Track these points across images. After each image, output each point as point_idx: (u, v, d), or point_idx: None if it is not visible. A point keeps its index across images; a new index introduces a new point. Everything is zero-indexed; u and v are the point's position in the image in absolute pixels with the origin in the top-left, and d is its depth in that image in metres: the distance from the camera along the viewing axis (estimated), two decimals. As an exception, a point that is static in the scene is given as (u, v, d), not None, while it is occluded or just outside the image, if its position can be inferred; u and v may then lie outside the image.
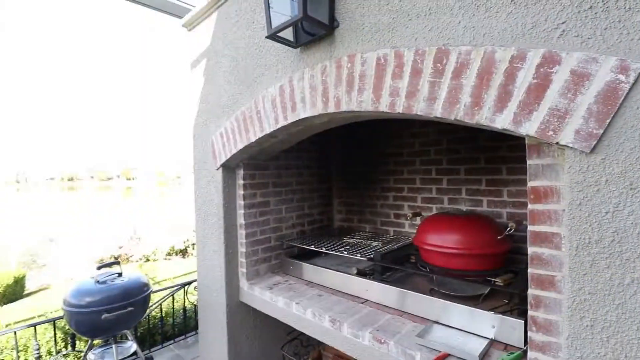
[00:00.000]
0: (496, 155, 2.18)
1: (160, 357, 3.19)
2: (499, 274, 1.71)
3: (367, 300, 1.97)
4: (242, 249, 2.47)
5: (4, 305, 6.98)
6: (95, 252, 10.56)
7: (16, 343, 2.68)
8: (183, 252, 10.01)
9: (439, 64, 1.17)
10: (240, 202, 2.45)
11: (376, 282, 1.92)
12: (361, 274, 2.08)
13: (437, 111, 1.17)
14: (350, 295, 2.07)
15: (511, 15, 1.05)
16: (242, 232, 2.45)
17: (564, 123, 0.97)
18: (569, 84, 0.96)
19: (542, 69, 0.99)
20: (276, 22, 1.56)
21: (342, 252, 2.20)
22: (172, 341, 3.45)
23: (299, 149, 2.74)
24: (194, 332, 3.59)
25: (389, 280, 1.97)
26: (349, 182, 3.13)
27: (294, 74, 1.73)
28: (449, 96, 1.15)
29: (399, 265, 2.03)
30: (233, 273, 2.48)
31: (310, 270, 2.36)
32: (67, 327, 3.10)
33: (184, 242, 9.89)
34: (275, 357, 2.68)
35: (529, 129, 1.02)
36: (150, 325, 3.45)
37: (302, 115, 1.69)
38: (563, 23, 0.96)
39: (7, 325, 3.95)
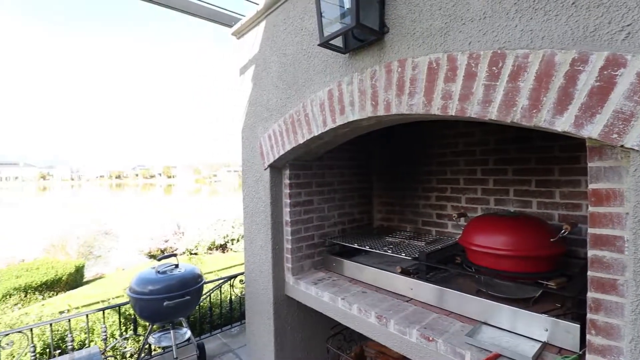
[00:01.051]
0: (548, 156, 2.12)
1: (209, 344, 3.40)
2: (551, 277, 1.68)
3: (412, 298, 2.01)
4: (287, 245, 2.59)
5: (67, 292, 7.73)
6: (142, 244, 11.34)
7: (87, 325, 3.00)
8: (223, 247, 10.48)
9: (494, 67, 1.19)
10: (286, 200, 2.57)
11: (422, 282, 1.95)
12: (405, 273, 2.11)
13: (492, 114, 1.19)
14: (394, 293, 2.11)
15: (572, 18, 1.05)
16: (287, 229, 2.57)
17: (629, 126, 0.96)
18: (635, 86, 0.94)
19: (605, 72, 0.99)
20: (328, 30, 1.64)
21: (385, 251, 2.24)
22: (219, 330, 3.67)
23: (341, 149, 2.81)
24: (238, 323, 3.79)
25: (434, 279, 1.99)
26: (390, 181, 3.16)
27: (343, 79, 1.80)
28: (505, 99, 1.16)
29: (443, 265, 2.05)
30: (279, 268, 2.60)
31: (353, 268, 2.42)
32: (127, 312, 3.41)
33: (224, 238, 10.34)
34: (318, 349, 2.78)
35: (591, 131, 1.02)
36: (200, 315, 3.69)
37: (351, 118, 1.76)
38: (628, 25, 0.95)
39: (76, 309, 4.40)
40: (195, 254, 9.61)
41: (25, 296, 6.96)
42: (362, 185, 3.18)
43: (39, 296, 7.18)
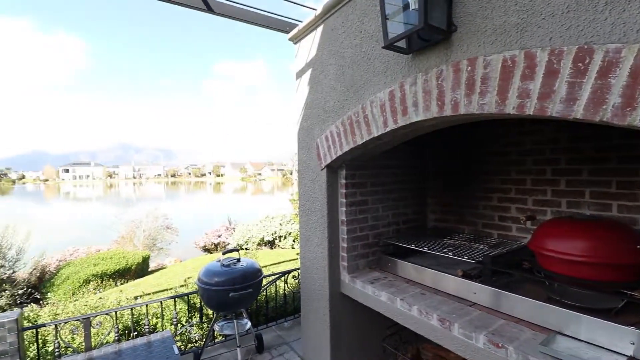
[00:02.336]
0: (631, 155, 1.93)
1: (265, 335, 3.58)
2: (636, 287, 1.54)
3: (475, 303, 1.95)
4: (343, 244, 2.64)
5: (135, 280, 8.55)
6: (198, 238, 12.15)
7: (162, 310, 3.31)
8: (271, 244, 10.87)
9: (580, 64, 1.13)
10: (342, 200, 2.62)
11: (487, 286, 1.89)
12: (467, 276, 2.06)
13: (578, 112, 1.13)
14: (455, 296, 2.06)
15: (677, 6, 0.96)
16: (343, 228, 2.62)
17: None
18: None
19: None
20: (392, 32, 1.66)
21: (446, 253, 2.20)
22: (274, 323, 3.84)
23: (395, 149, 2.79)
24: (292, 317, 3.94)
25: (498, 284, 1.91)
26: (446, 181, 3.08)
27: (406, 79, 1.80)
28: (592, 97, 1.10)
29: (510, 270, 1.96)
30: (335, 266, 2.67)
31: (410, 269, 2.41)
32: (192, 301, 3.70)
33: (272, 235, 10.72)
34: (373, 347, 2.80)
35: (700, 130, 0.93)
36: (256, 307, 3.89)
37: (414, 119, 1.76)
38: None
39: (147, 295, 4.87)
40: (247, 249, 10.08)
41: (102, 282, 7.83)
42: (417, 185, 3.13)
43: (112, 283, 8.02)
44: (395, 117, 1.88)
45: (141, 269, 9.06)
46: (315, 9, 2.59)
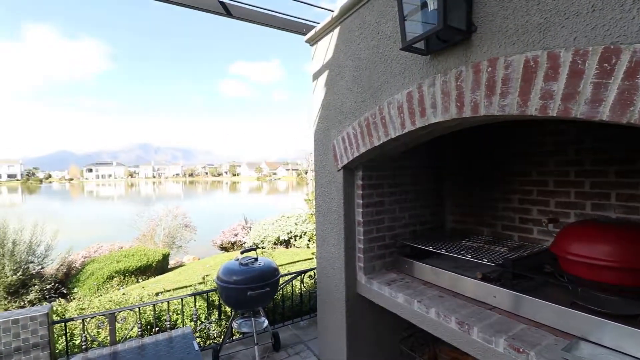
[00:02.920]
0: (662, 156, 1.86)
1: (281, 334, 3.62)
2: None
3: (495, 307, 1.92)
4: (359, 245, 2.65)
5: (156, 277, 8.80)
6: (215, 237, 12.38)
7: (182, 307, 3.41)
8: (286, 243, 10.96)
9: (605, 64, 1.10)
10: (359, 201, 2.62)
11: (507, 290, 1.85)
12: (486, 279, 2.03)
13: (604, 114, 1.10)
14: (474, 299, 2.04)
15: None
16: (360, 229, 2.63)
17: None
18: None
19: None
20: (410, 33, 1.65)
21: (464, 255, 2.18)
22: (290, 321, 3.88)
23: (413, 150, 2.78)
24: (308, 316, 3.97)
25: (519, 288, 1.88)
26: (464, 182, 3.03)
27: (424, 81, 1.79)
28: (619, 98, 1.07)
29: (531, 273, 1.92)
30: (351, 266, 2.68)
31: (427, 271, 2.39)
32: (211, 299, 3.78)
33: (287, 234, 10.81)
34: (389, 348, 2.80)
35: None
36: (273, 305, 3.95)
37: (432, 120, 1.75)
38: None
39: (168, 292, 5.01)
40: (263, 248, 10.20)
41: (124, 278, 8.10)
42: (434, 186, 3.10)
43: (134, 279, 8.29)
44: (413, 118, 1.88)
45: (161, 266, 9.32)
46: (332, 10, 2.61)
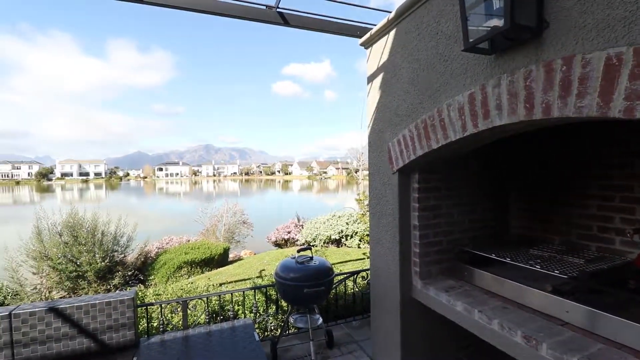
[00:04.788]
0: None
1: (335, 332, 3.69)
2: None
3: (567, 323, 1.77)
4: (415, 249, 2.60)
5: (217, 269, 9.48)
6: (269, 233, 12.94)
7: (243, 299, 3.65)
8: (337, 242, 11.06)
9: None
10: (415, 204, 2.58)
11: (583, 305, 1.70)
12: (557, 292, 1.87)
13: None
14: (542, 313, 1.90)
15: None
16: (415, 233, 2.59)
17: None
18: None
19: None
20: (473, 33, 1.60)
21: (532, 265, 2.03)
22: (342, 320, 3.94)
23: (473, 151, 2.65)
24: (360, 316, 4.00)
25: (597, 304, 1.70)
26: (532, 186, 2.82)
27: (488, 81, 1.71)
28: None
29: (612, 289, 1.73)
30: (406, 271, 2.65)
31: (489, 279, 2.28)
32: (269, 293, 3.99)
33: (339, 233, 10.90)
34: (446, 356, 2.72)
35: None
36: (326, 304, 4.04)
37: (497, 123, 1.67)
38: None
39: (230, 284, 5.40)
40: (314, 246, 10.43)
41: (191, 269, 8.86)
42: (497, 190, 2.93)
43: (199, 270, 9.02)
44: (476, 120, 1.80)
45: (222, 259, 10.01)
46: (390, 12, 2.59)
